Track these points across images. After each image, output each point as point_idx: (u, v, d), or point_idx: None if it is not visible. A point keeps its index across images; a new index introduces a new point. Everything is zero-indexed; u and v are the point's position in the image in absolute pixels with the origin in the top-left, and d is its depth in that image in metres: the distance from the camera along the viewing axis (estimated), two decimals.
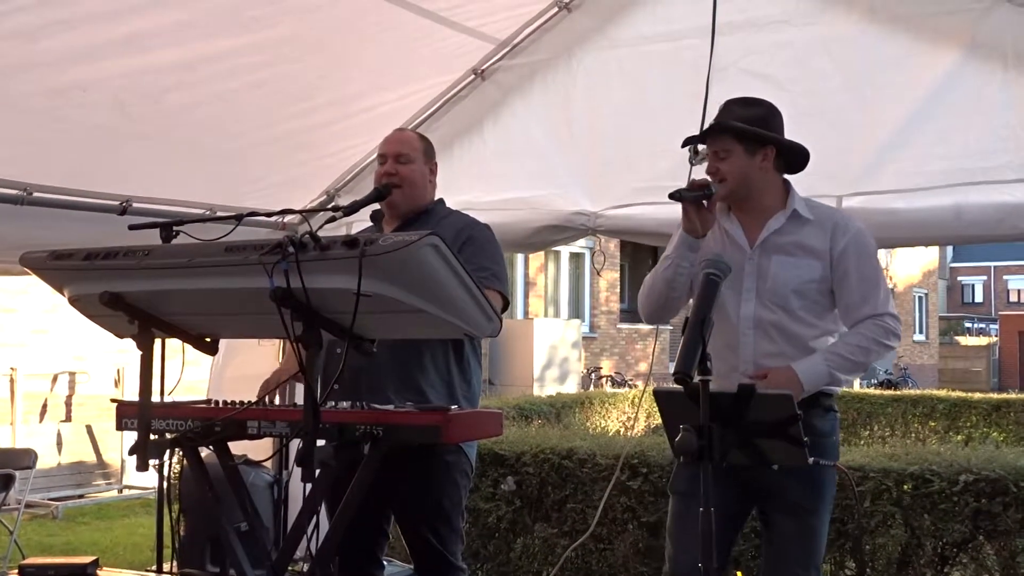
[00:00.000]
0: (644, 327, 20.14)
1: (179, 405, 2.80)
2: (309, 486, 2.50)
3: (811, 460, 2.04)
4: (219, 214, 3.94)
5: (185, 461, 3.45)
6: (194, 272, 2.45)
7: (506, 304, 3.08)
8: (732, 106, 2.94)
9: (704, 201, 2.80)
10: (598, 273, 14.05)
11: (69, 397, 9.86)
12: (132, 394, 9.30)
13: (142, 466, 2.67)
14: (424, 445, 2.75)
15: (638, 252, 18.78)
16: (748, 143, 2.87)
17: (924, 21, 3.44)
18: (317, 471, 2.42)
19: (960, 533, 3.72)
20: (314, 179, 4.50)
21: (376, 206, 3.22)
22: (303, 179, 4.45)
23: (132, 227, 3.05)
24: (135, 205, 3.89)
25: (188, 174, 4.01)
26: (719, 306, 2.86)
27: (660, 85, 3.84)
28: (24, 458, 6.83)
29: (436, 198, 3.32)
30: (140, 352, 2.67)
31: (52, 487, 9.04)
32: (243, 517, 2.78)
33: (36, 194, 3.58)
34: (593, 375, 17.23)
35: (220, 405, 2.80)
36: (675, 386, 1.91)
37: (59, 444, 9.42)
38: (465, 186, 4.15)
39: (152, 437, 2.73)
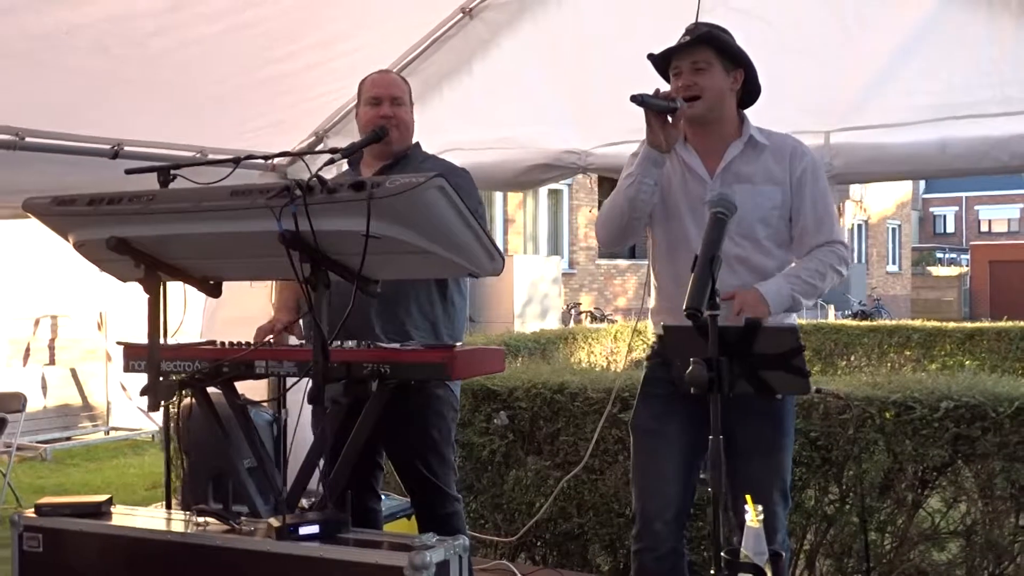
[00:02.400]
0: (623, 262, 20.30)
1: (186, 347, 2.85)
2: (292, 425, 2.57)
3: (814, 389, 2.13)
4: (214, 157, 3.95)
5: (186, 402, 3.51)
6: (200, 216, 2.49)
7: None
8: (704, 26, 2.90)
9: (669, 116, 2.73)
10: (591, 212, 14.05)
11: (52, 341, 9.88)
12: (115, 336, 9.31)
13: (154, 406, 2.72)
14: (421, 381, 2.83)
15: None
16: (726, 60, 2.83)
17: None
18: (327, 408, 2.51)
19: (940, 458, 3.85)
20: (302, 120, 4.50)
21: None
22: (291, 120, 4.44)
23: (129, 171, 3.07)
24: (126, 148, 3.88)
25: (176, 117, 3.99)
26: (682, 239, 2.88)
27: (649, 22, 3.83)
28: (14, 402, 6.88)
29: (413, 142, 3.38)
30: (147, 295, 2.71)
31: (39, 430, 9.10)
32: (251, 455, 2.85)
33: (28, 139, 3.57)
34: (573, 311, 17.39)
35: (226, 346, 2.86)
36: (684, 322, 1.98)
37: (44, 387, 9.46)
38: (454, 126, 4.17)
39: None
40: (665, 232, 2.96)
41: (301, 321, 3.27)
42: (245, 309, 4.60)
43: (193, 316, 3.52)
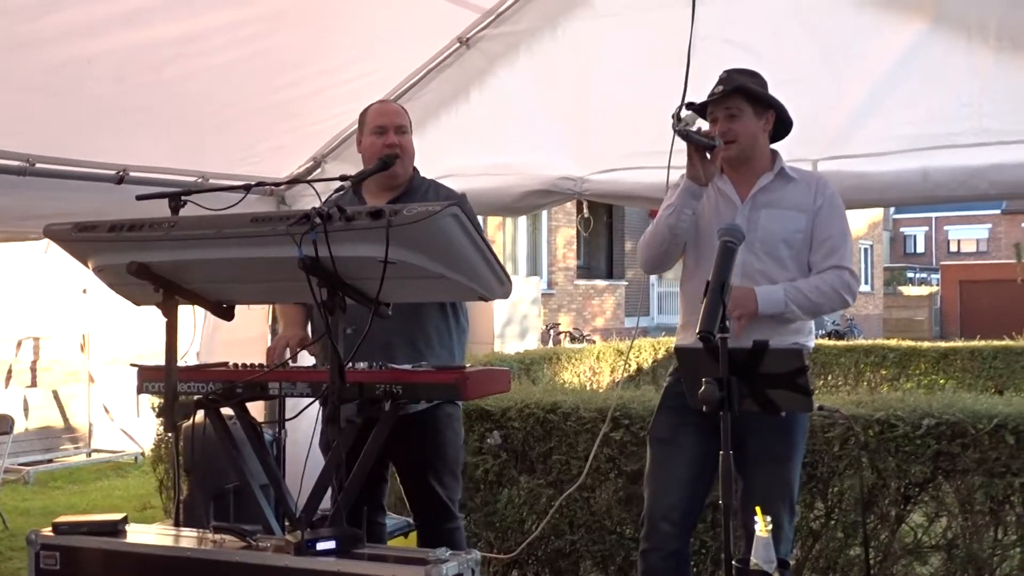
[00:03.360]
0: (601, 283, 20.47)
1: (200, 368, 2.93)
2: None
3: (816, 407, 2.25)
4: (217, 182, 4.04)
5: (188, 422, 3.58)
6: (221, 242, 2.57)
7: None
8: (735, 74, 3.15)
9: (708, 153, 2.99)
10: (586, 232, 14.25)
11: (34, 363, 9.85)
12: (98, 358, 9.29)
13: (170, 427, 2.80)
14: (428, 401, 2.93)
15: (594, 209, 18.99)
16: (757, 105, 3.11)
17: None
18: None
19: (922, 474, 3.98)
20: (302, 146, 4.60)
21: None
22: (291, 146, 4.55)
23: (140, 197, 3.14)
24: (131, 174, 3.97)
25: (182, 143, 4.09)
26: (708, 254, 3.02)
27: (643, 53, 3.98)
28: (2, 424, 6.88)
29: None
30: (165, 319, 2.79)
31: (21, 452, 9.04)
32: (264, 474, 2.93)
33: (39, 165, 3.64)
34: (552, 331, 17.49)
35: (239, 367, 2.94)
36: (695, 343, 2.09)
37: (25, 409, 9.42)
38: (452, 152, 4.28)
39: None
40: (695, 252, 3.19)
41: (312, 336, 3.34)
42: (243, 331, 4.68)
43: (187, 337, 3.59)
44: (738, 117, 3.09)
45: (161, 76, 3.60)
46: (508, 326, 15.10)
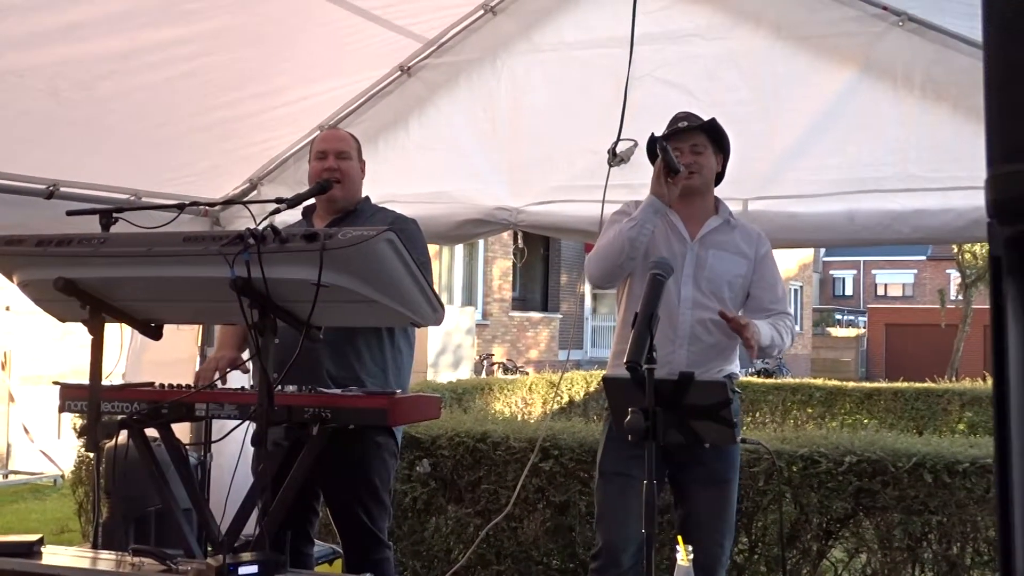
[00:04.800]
0: (535, 315, 20.53)
1: (125, 388, 2.88)
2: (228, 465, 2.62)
3: (740, 439, 2.29)
4: (150, 200, 3.99)
5: (110, 443, 3.51)
6: (152, 261, 2.54)
7: None
8: (696, 116, 3.29)
9: (670, 178, 3.09)
10: (520, 262, 14.31)
11: None
12: (19, 376, 9.05)
13: (92, 447, 2.74)
14: (360, 427, 2.92)
15: (530, 241, 19.09)
16: (715, 145, 3.26)
17: (824, 41, 3.75)
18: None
19: (843, 509, 4.07)
20: (237, 167, 4.57)
21: (311, 201, 3.37)
22: (226, 167, 4.51)
23: (70, 213, 3.10)
24: (62, 189, 3.90)
25: (115, 160, 4.03)
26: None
27: (580, 89, 4.05)
28: None
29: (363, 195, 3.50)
30: (91, 336, 2.74)
31: None
32: (188, 497, 2.89)
33: None
34: (485, 362, 17.48)
35: (165, 388, 2.90)
36: (623, 374, 2.12)
37: None
38: (389, 179, 4.28)
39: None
40: (643, 281, 3.17)
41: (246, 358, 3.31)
42: (171, 352, 4.61)
43: (112, 357, 3.53)
44: (702, 153, 3.23)
45: (96, 92, 3.55)
46: (442, 355, 15.06)
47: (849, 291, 49.00)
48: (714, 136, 3.26)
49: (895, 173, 3.62)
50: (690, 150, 3.22)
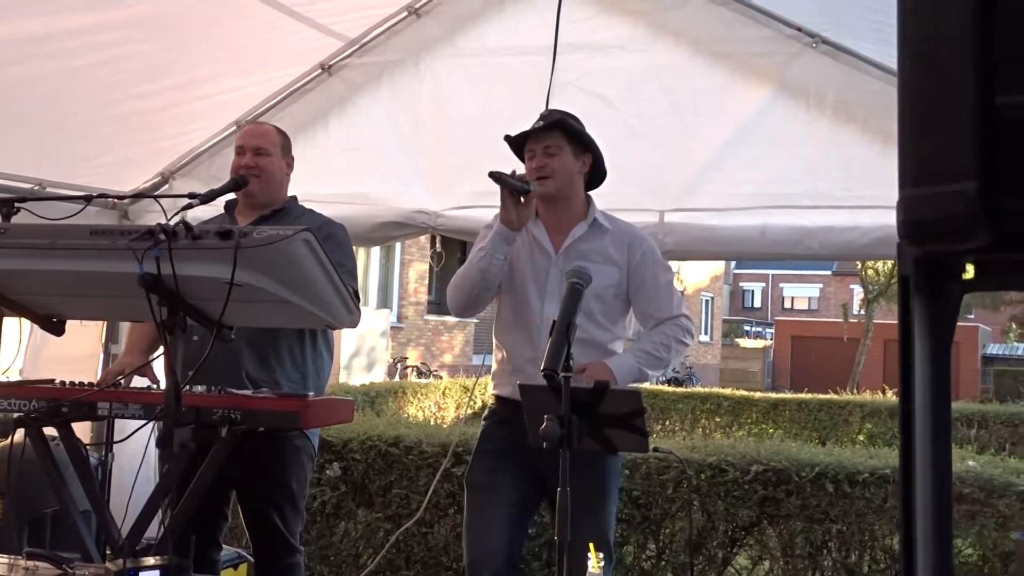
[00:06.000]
0: (451, 319, 20.48)
1: (22, 384, 2.78)
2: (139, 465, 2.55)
3: (652, 448, 2.32)
4: (55, 191, 3.87)
5: (5, 442, 3.38)
6: (56, 253, 2.46)
7: (357, 297, 3.22)
8: (557, 113, 3.15)
9: (522, 197, 2.95)
10: (438, 266, 14.25)
11: None
12: None
13: None
14: (275, 429, 2.86)
15: (447, 245, 19.06)
16: (575, 145, 3.07)
17: (742, 59, 3.83)
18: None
19: (749, 518, 4.15)
20: (149, 160, 4.45)
21: (231, 196, 3.30)
22: (138, 159, 4.39)
23: None
24: None
25: (21, 148, 3.88)
26: (527, 306, 3.08)
27: (503, 95, 4.06)
28: None
29: (290, 195, 3.43)
30: None
31: None
32: (88, 499, 2.80)
33: None
34: (399, 365, 17.39)
35: (66, 385, 2.81)
36: (539, 382, 2.13)
37: None
38: (307, 178, 4.19)
39: None
40: (511, 300, 3.13)
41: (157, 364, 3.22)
42: (73, 348, 4.47)
43: (8, 352, 3.40)
44: (556, 155, 3.03)
45: (3, 76, 3.42)
46: (355, 358, 14.94)
47: (758, 303, 50.11)
48: (572, 134, 3.06)
49: (806, 190, 3.70)
50: (543, 152, 3.03)
